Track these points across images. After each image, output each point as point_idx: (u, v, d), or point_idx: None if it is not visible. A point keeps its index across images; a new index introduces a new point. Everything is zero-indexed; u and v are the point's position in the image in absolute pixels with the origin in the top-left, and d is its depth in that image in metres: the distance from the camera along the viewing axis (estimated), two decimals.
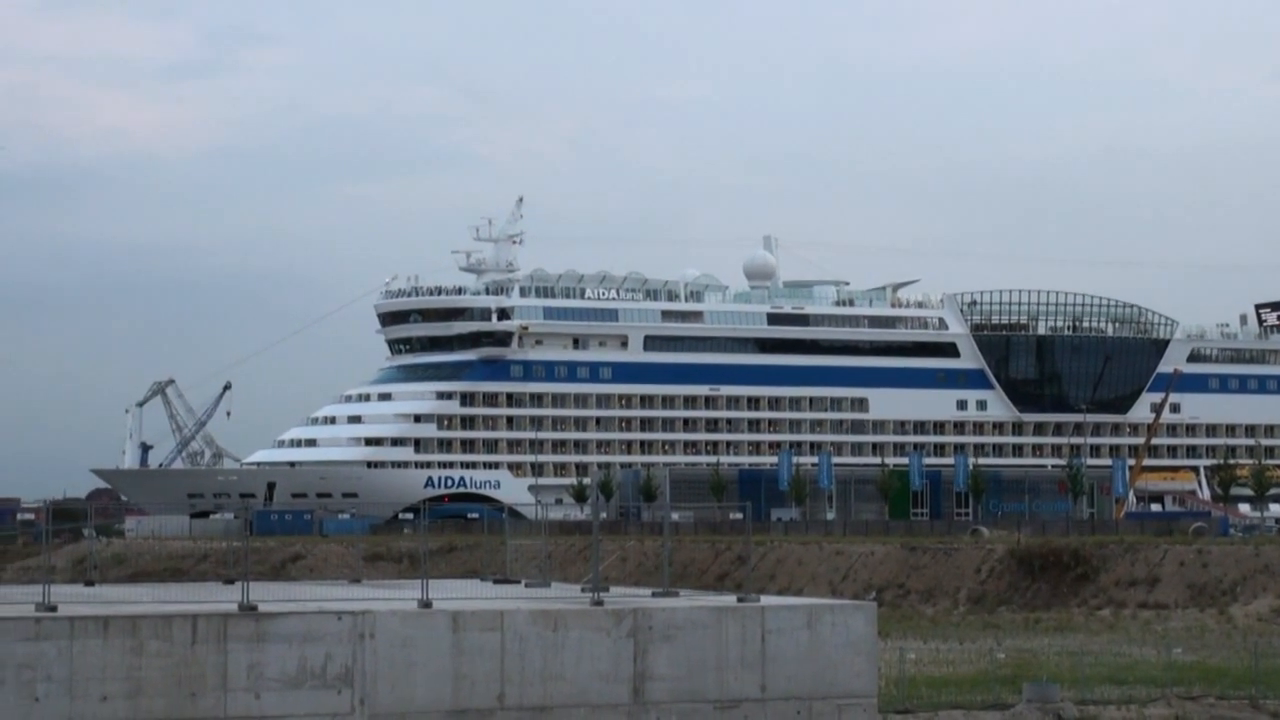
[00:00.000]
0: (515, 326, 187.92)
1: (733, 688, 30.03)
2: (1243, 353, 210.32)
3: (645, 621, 29.75)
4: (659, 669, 29.65)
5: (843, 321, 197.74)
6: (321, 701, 27.97)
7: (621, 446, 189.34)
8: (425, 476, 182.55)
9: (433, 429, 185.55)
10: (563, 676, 29.21)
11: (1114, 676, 52.46)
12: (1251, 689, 49.14)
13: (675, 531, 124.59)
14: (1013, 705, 45.97)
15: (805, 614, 30.90)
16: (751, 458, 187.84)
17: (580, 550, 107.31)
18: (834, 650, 30.63)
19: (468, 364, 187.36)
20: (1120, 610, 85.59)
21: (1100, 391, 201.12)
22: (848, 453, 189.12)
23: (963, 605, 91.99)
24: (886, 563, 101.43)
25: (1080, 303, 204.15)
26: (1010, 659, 56.70)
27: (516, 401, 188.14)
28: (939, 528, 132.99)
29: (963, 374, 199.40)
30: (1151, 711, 46.50)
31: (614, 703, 29.41)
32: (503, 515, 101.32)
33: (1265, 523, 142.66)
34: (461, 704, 28.62)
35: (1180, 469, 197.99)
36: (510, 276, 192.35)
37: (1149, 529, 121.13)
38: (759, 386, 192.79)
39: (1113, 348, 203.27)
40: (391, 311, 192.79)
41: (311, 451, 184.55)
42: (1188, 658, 57.22)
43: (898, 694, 46.26)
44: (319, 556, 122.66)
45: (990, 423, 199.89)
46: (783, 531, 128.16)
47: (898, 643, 60.74)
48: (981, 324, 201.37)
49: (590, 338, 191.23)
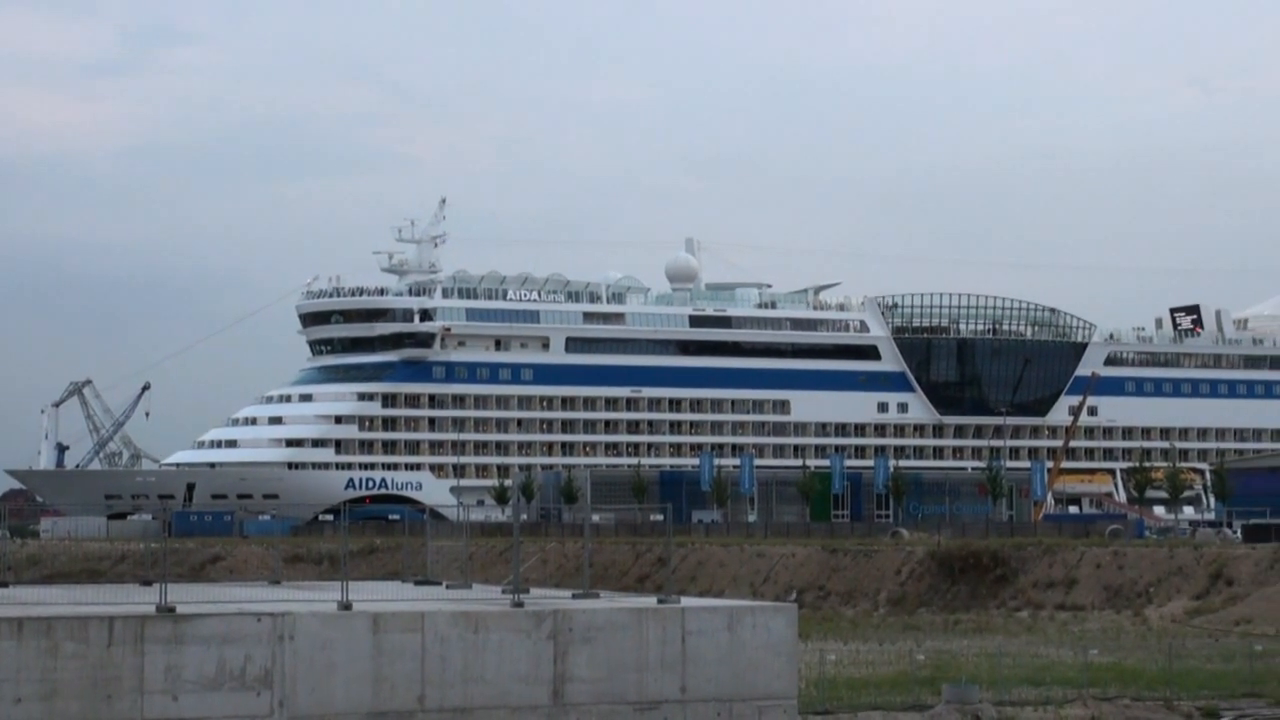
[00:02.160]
0: (437, 328, 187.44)
1: (653, 689, 30.05)
2: (1158, 356, 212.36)
3: (565, 623, 29.74)
4: (579, 671, 29.65)
5: (764, 324, 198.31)
6: (240, 703, 27.80)
7: (543, 448, 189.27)
8: (346, 478, 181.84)
9: (354, 430, 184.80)
10: (483, 678, 29.16)
11: (1032, 677, 52.84)
12: (1166, 690, 49.61)
13: (596, 533, 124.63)
14: (932, 706, 46.21)
15: (726, 616, 30.97)
16: (673, 459, 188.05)
17: (501, 552, 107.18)
18: (754, 652, 30.70)
19: (389, 365, 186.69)
20: (1038, 612, 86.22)
21: (1020, 394, 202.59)
22: (769, 455, 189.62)
23: (883, 607, 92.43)
24: (807, 565, 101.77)
25: (1000, 306, 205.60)
26: (930, 660, 56.99)
27: (438, 403, 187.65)
28: (860, 530, 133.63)
29: (884, 376, 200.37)
30: (1068, 712, 46.85)
31: (534, 704, 29.38)
32: (424, 517, 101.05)
33: (1179, 525, 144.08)
34: (382, 706, 28.52)
35: (1097, 471, 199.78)
36: (432, 278, 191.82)
37: (1067, 531, 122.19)
38: (680, 388, 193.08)
39: (1032, 351, 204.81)
40: (313, 312, 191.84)
41: (232, 453, 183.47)
42: (1104, 659, 57.69)
43: (818, 695, 46.42)
44: (239, 558, 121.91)
45: (911, 425, 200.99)
46: (704, 533, 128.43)
47: (818, 644, 60.97)
48: (902, 327, 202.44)
49: (512, 339, 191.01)
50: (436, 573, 41.70)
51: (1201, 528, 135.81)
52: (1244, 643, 61.64)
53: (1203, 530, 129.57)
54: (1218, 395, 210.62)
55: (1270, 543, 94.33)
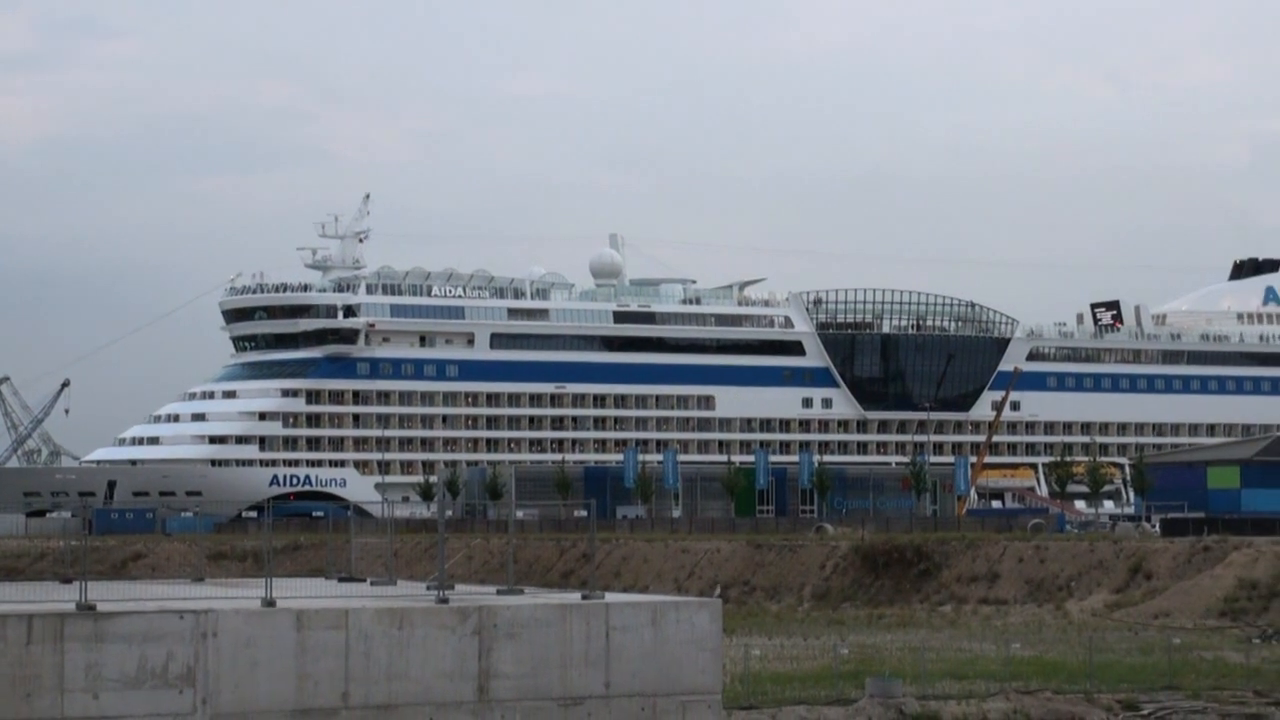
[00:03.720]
0: (361, 324, 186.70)
1: (577, 685, 30.08)
2: (1079, 351, 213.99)
3: (490, 619, 29.73)
4: (504, 667, 29.64)
5: (689, 320, 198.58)
6: (162, 701, 27.65)
7: (468, 444, 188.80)
8: (270, 475, 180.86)
9: (278, 427, 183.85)
10: (408, 675, 29.11)
11: (955, 671, 53.15)
12: (1086, 683, 50.02)
13: (521, 529, 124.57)
14: (855, 700, 46.43)
15: (650, 611, 31.03)
16: (597, 455, 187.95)
17: (426, 548, 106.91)
18: (679, 647, 30.78)
19: (313, 361, 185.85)
20: (961, 606, 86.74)
21: (943, 389, 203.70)
22: (694, 450, 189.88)
23: (807, 602, 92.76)
24: (732, 560, 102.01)
25: (924, 302, 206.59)
26: (854, 655, 57.26)
27: (363, 399, 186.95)
28: (784, 525, 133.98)
29: (808, 372, 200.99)
30: (990, 706, 47.17)
31: (459, 700, 29.36)
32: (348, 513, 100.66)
33: (1100, 519, 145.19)
34: (306, 703, 28.43)
35: (1020, 466, 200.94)
36: (357, 274, 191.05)
37: (989, 526, 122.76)
38: (605, 384, 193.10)
39: (955, 346, 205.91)
40: (236, 308, 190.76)
41: (154, 450, 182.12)
42: (1026, 653, 58.11)
43: (742, 690, 46.55)
44: (161, 555, 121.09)
45: (835, 420, 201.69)
46: (628, 529, 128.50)
47: (743, 639, 61.14)
48: (827, 322, 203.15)
49: (437, 335, 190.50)
50: (361, 570, 41.63)
51: (1121, 522, 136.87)
52: (1162, 636, 62.30)
53: (1122, 524, 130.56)
54: (1137, 390, 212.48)
55: (1188, 537, 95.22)
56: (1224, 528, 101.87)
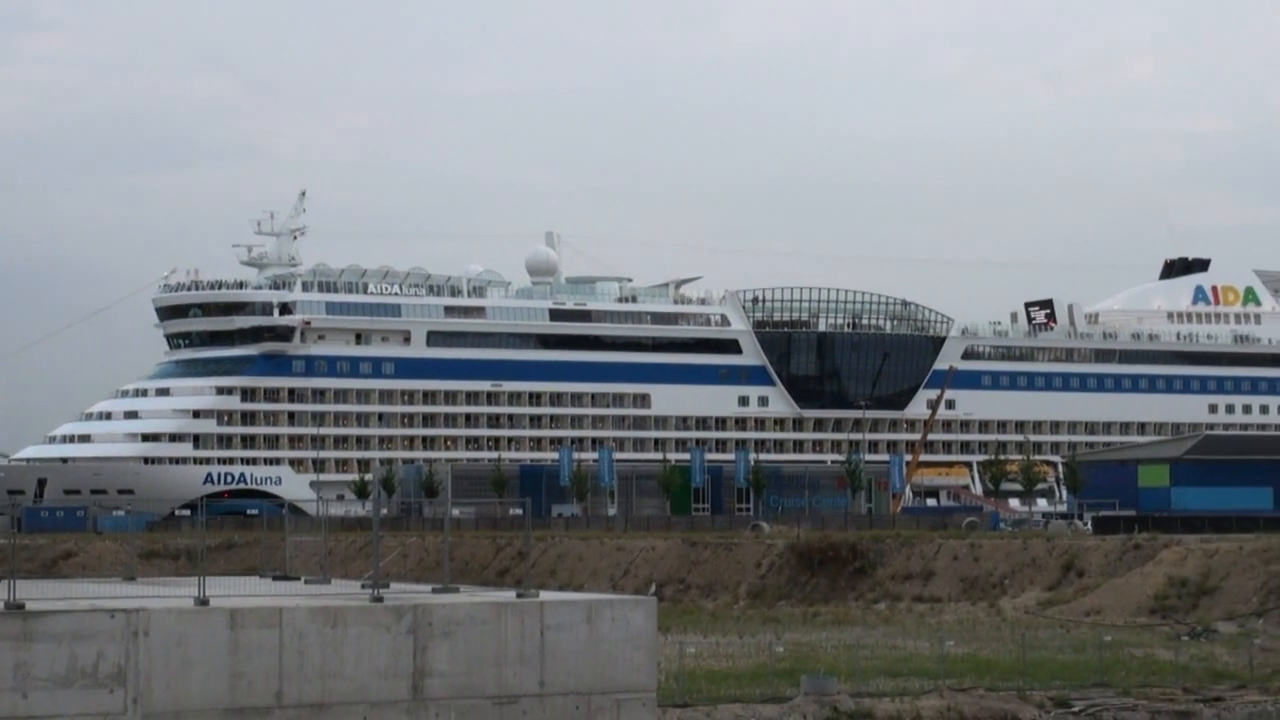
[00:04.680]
0: (297, 321, 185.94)
1: (512, 683, 30.07)
2: (1013, 350, 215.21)
3: (425, 618, 29.68)
4: (438, 665, 29.60)
5: (625, 318, 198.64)
6: (93, 701, 27.48)
7: (404, 442, 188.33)
8: (205, 473, 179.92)
9: (212, 425, 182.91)
10: (342, 673, 29.03)
11: (889, 669, 53.38)
12: (1019, 680, 50.33)
13: (457, 527, 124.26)
14: (790, 698, 46.56)
15: (585, 609, 31.05)
16: (533, 453, 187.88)
17: (362, 547, 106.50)
18: (613, 645, 30.80)
19: (249, 359, 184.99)
20: (896, 603, 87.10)
21: (879, 388, 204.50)
22: (630, 448, 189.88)
23: (743, 600, 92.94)
24: (667, 558, 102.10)
25: (860, 300, 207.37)
26: (789, 652, 57.42)
27: (298, 397, 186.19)
28: (720, 523, 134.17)
29: (744, 370, 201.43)
30: (924, 703, 47.39)
31: (393, 699, 29.30)
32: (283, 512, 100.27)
33: (1033, 517, 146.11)
34: (239, 702, 28.30)
35: (954, 464, 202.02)
36: (292, 271, 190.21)
37: (924, 524, 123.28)
38: (541, 382, 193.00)
39: (891, 345, 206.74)
40: (170, 305, 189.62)
41: (85, 447, 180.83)
42: (960, 650, 58.41)
43: (677, 688, 46.59)
44: (92, 554, 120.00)
45: (771, 419, 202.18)
46: (564, 527, 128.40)
47: (678, 637, 61.18)
48: (763, 321, 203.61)
49: (373, 333, 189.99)
50: (296, 568, 41.45)
51: (1054, 520, 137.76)
52: (1094, 633, 62.74)
53: (1055, 522, 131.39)
54: (1070, 389, 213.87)
55: (1119, 535, 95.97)
56: (1154, 526, 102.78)
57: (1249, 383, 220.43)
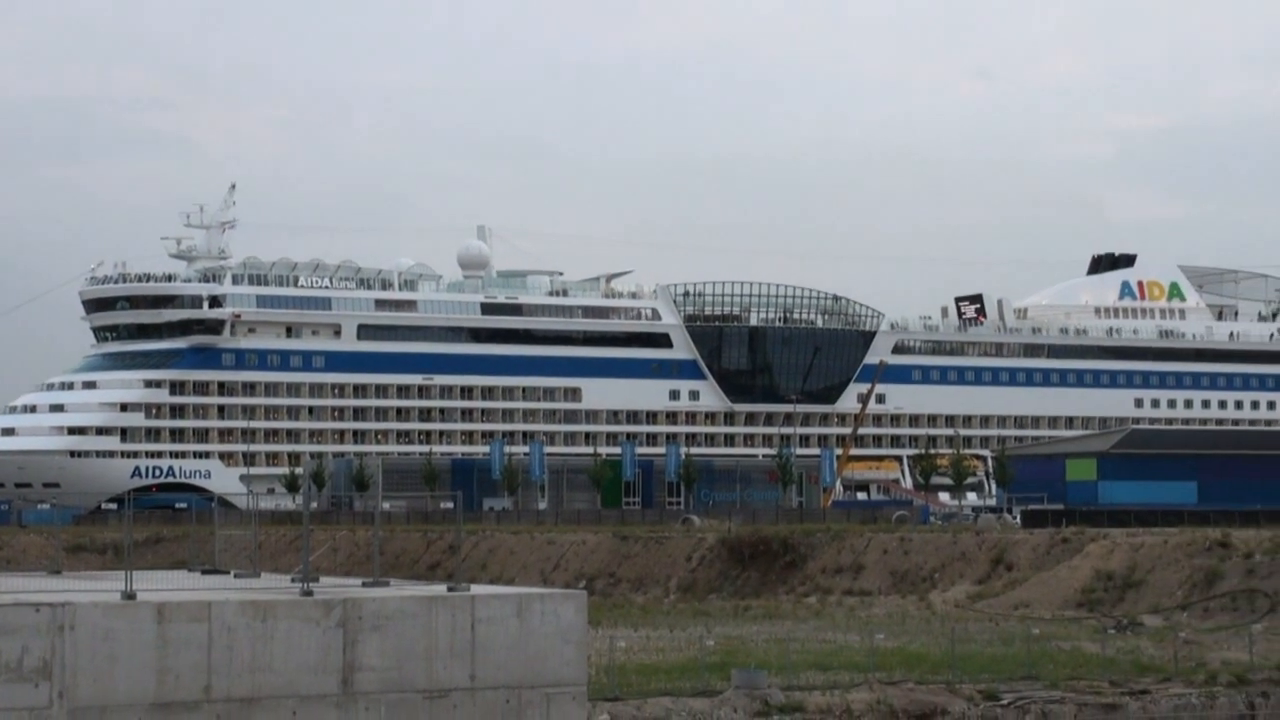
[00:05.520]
0: (227, 314, 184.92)
1: (442, 677, 29.99)
2: (943, 344, 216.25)
3: (355, 611, 29.57)
4: (368, 659, 29.49)
5: (556, 312, 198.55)
6: (17, 695, 27.22)
7: (334, 436, 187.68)
8: (132, 466, 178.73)
9: (140, 418, 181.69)
10: (271, 668, 28.87)
11: (820, 662, 53.48)
12: (948, 673, 50.55)
13: (387, 521, 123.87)
14: (721, 692, 46.60)
15: (515, 603, 31.00)
16: (465, 447, 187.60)
17: (292, 540, 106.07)
18: (544, 639, 30.77)
19: (178, 352, 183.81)
20: (827, 597, 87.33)
21: (810, 382, 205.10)
22: (561, 442, 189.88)
23: (673, 593, 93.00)
24: (598, 552, 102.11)
25: (791, 295, 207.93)
26: (719, 646, 57.46)
27: (228, 390, 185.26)
28: (651, 517, 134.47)
29: (675, 364, 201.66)
30: (854, 696, 47.53)
31: (323, 693, 29.17)
32: (212, 505, 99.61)
33: (963, 511, 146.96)
34: (166, 697, 28.11)
35: (885, 458, 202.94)
36: (222, 264, 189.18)
37: (855, 517, 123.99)
38: (472, 376, 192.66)
39: (822, 339, 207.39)
40: (97, 298, 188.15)
41: (10, 441, 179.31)
42: (889, 643, 58.62)
43: (608, 682, 46.57)
44: (17, 548, 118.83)
45: (702, 413, 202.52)
46: (495, 521, 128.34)
47: (608, 631, 61.14)
48: (694, 315, 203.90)
49: (303, 326, 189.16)
50: (225, 562, 41.20)
51: (983, 513, 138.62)
52: (1022, 626, 63.07)
53: (984, 516, 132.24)
54: (999, 383, 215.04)
55: (1047, 528, 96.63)
56: (1082, 519, 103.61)
57: (1174, 377, 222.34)
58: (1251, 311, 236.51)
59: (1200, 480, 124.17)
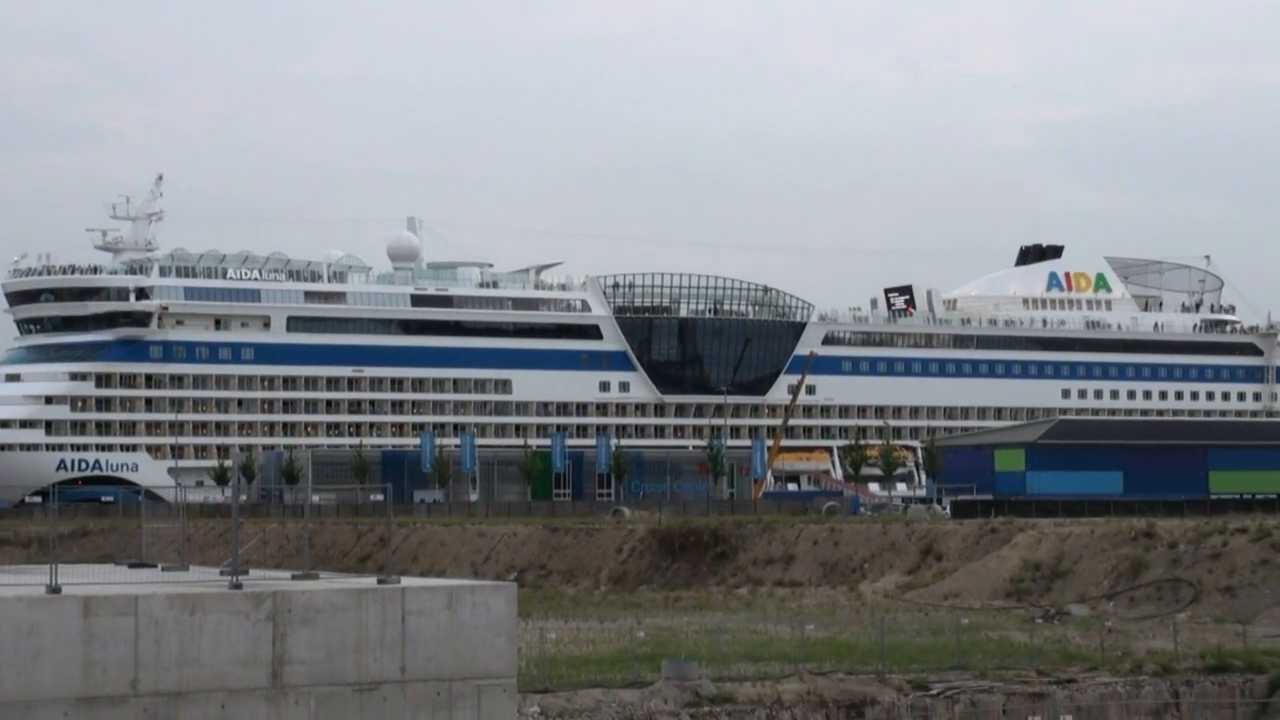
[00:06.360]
0: (155, 306, 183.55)
1: (373, 670, 29.90)
2: (873, 336, 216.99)
3: (285, 604, 29.42)
4: (298, 652, 29.35)
5: (486, 303, 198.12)
6: None
7: (264, 428, 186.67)
8: (58, 459, 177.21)
9: (65, 410, 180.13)
10: (199, 661, 28.70)
11: (750, 653, 53.65)
12: (878, 663, 50.79)
13: (317, 514, 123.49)
14: (652, 683, 46.65)
15: (445, 595, 30.93)
16: (395, 439, 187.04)
17: (220, 533, 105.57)
18: (474, 631, 30.72)
19: (104, 344, 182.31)
20: (758, 588, 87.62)
21: (740, 373, 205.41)
22: (491, 434, 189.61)
23: (604, 585, 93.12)
24: (529, 543, 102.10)
25: (721, 286, 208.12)
26: (650, 637, 57.58)
27: (156, 383, 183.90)
28: (581, 508, 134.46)
29: (605, 356, 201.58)
30: (785, 687, 47.68)
31: (252, 687, 29.02)
32: (140, 498, 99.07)
33: (893, 502, 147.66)
34: (92, 691, 27.89)
35: (815, 449, 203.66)
36: (149, 256, 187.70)
37: (785, 508, 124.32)
38: (403, 368, 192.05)
39: (752, 330, 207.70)
40: (20, 291, 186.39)
41: None
42: (820, 634, 58.87)
43: (538, 674, 46.56)
44: None
45: (633, 404, 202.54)
46: (426, 513, 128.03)
47: (539, 623, 61.16)
48: (624, 306, 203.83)
49: (232, 318, 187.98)
50: (152, 555, 40.90)
51: (913, 504, 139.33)
52: (952, 616, 63.43)
53: (914, 506, 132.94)
54: (929, 374, 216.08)
55: (976, 518, 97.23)
56: (1010, 509, 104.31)
57: (1100, 368, 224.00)
58: (1175, 303, 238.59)
59: (1126, 470, 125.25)
